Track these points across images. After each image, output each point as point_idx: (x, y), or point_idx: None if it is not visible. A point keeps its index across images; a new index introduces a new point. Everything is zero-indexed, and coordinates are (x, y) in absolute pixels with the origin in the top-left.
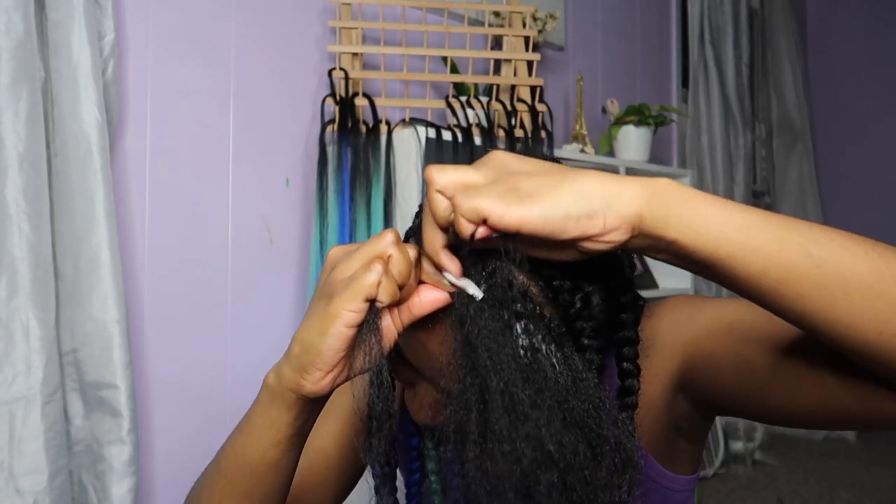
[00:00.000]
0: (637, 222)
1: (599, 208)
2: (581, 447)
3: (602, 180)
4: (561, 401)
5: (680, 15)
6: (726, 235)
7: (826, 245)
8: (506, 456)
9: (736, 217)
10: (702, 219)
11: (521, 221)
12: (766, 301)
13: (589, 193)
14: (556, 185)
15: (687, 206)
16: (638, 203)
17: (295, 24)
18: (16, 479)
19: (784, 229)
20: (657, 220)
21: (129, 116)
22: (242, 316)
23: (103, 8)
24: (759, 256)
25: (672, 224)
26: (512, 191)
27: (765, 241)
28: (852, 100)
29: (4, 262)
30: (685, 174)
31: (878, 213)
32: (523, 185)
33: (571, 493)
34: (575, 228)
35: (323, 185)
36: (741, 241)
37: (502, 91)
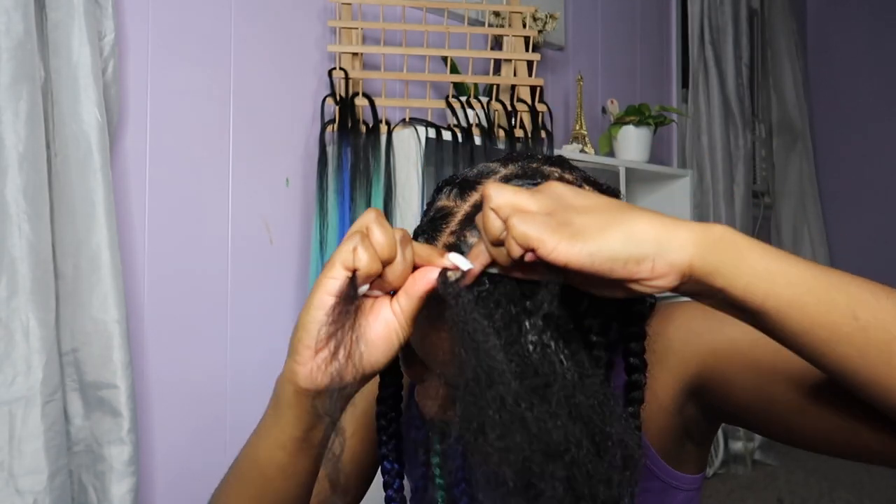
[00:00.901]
0: (687, 270)
1: (649, 253)
2: (585, 442)
3: (654, 223)
4: (568, 395)
5: (680, 15)
6: (775, 290)
7: (873, 308)
8: (510, 447)
9: (787, 272)
10: (752, 271)
11: (569, 258)
12: (807, 355)
13: (640, 236)
14: (607, 225)
15: (738, 257)
16: (689, 251)
17: (295, 24)
18: (16, 479)
19: (833, 289)
20: (707, 269)
21: (129, 116)
22: (242, 316)
23: (103, 8)
24: (806, 315)
25: (722, 274)
26: (565, 225)
27: (813, 300)
28: (852, 100)
29: (4, 262)
30: (685, 174)
31: (879, 213)
32: (577, 220)
33: (574, 486)
34: (622, 270)
35: (323, 185)
36: (789, 297)
37: (502, 91)
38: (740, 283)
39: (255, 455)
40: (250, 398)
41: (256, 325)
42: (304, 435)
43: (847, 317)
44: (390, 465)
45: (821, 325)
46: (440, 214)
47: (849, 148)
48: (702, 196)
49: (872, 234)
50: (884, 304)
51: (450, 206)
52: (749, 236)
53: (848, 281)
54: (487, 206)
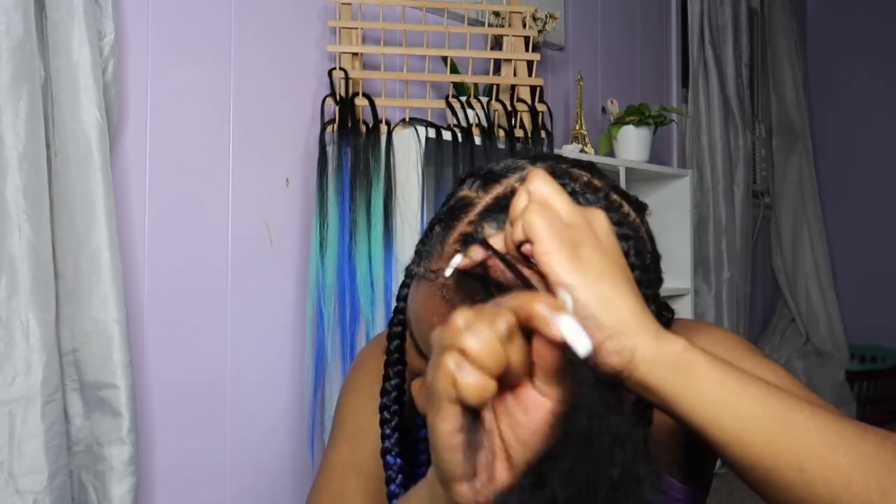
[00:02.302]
0: (630, 368)
1: (610, 327)
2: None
3: (635, 310)
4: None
5: (680, 15)
6: (719, 420)
7: (824, 464)
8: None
9: (738, 404)
10: (699, 397)
11: (553, 273)
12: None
13: (616, 308)
14: (603, 277)
15: (689, 380)
16: (643, 353)
17: (295, 24)
18: (16, 479)
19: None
20: (652, 380)
21: (129, 116)
22: (242, 316)
23: (103, 8)
24: (749, 453)
25: (665, 390)
26: (574, 245)
27: (759, 441)
28: (852, 100)
29: (4, 262)
30: (685, 174)
31: (878, 213)
32: (585, 251)
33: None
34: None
35: (323, 185)
36: (734, 431)
37: (502, 91)
38: (684, 405)
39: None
40: (250, 398)
41: (256, 325)
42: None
43: (792, 466)
44: (393, 459)
45: (763, 467)
46: (460, 204)
47: (849, 148)
48: (702, 196)
49: (872, 234)
50: (840, 460)
51: (471, 196)
52: (715, 358)
53: (809, 426)
54: (525, 185)
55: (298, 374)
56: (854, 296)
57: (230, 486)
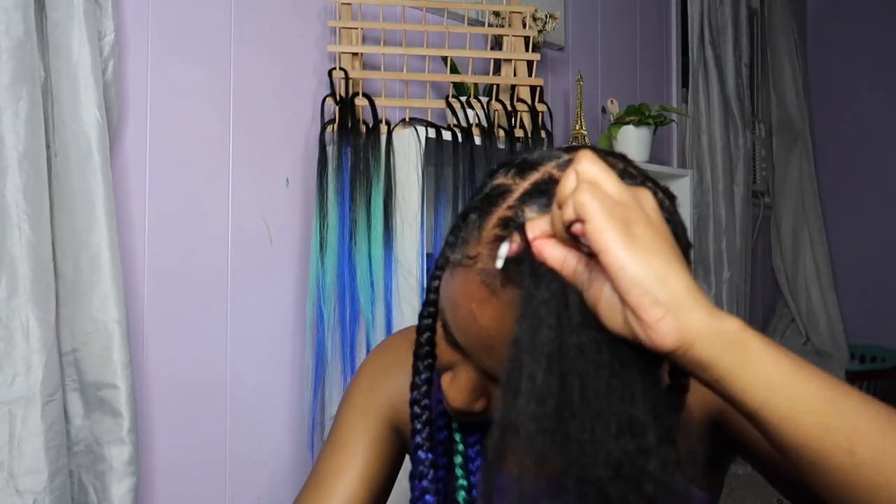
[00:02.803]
0: (687, 344)
1: (666, 303)
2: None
3: (689, 286)
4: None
5: (680, 15)
6: (772, 402)
7: (875, 447)
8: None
9: (791, 385)
10: (754, 377)
11: (607, 249)
12: (792, 465)
13: (672, 285)
14: (656, 253)
15: (744, 359)
16: (698, 328)
17: (295, 24)
18: (16, 479)
19: (837, 415)
20: (704, 357)
21: (129, 116)
22: (242, 316)
23: (103, 8)
24: (799, 434)
25: (720, 368)
26: (625, 222)
27: (810, 422)
28: (852, 100)
29: (4, 262)
30: (685, 174)
31: (878, 213)
32: (638, 228)
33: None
34: (637, 297)
35: (323, 185)
36: (785, 411)
37: (502, 91)
38: (738, 384)
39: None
40: (250, 398)
41: (256, 325)
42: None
43: (842, 448)
44: (425, 454)
45: (812, 449)
46: (497, 191)
47: (849, 148)
48: (702, 196)
49: (872, 234)
50: (890, 444)
51: (508, 183)
52: (767, 339)
53: (859, 410)
54: (573, 167)
55: (298, 374)
56: (854, 296)
57: (230, 485)
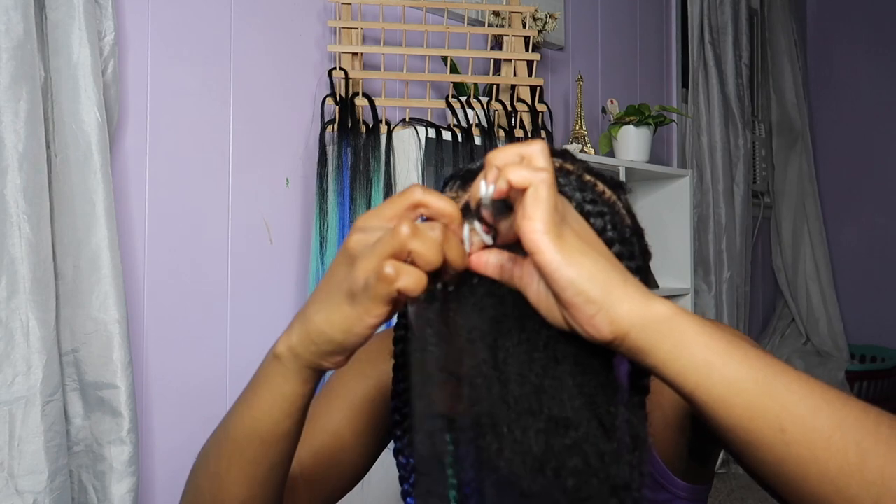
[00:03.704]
0: (622, 335)
1: (599, 300)
2: (593, 420)
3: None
4: (572, 375)
5: (680, 15)
6: (705, 384)
7: (805, 425)
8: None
9: (724, 368)
10: (688, 360)
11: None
12: (729, 448)
13: (602, 282)
14: (584, 253)
15: (678, 344)
16: (630, 319)
17: (295, 24)
18: (16, 479)
19: (768, 395)
20: (640, 345)
21: (129, 116)
22: (242, 316)
23: (103, 8)
24: (731, 415)
25: (655, 354)
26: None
27: (741, 403)
28: (852, 100)
29: (4, 262)
30: (685, 174)
31: (878, 213)
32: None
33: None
34: (571, 297)
35: (323, 185)
36: (718, 394)
37: (502, 91)
38: (672, 368)
39: (253, 424)
40: None
41: (256, 325)
42: (308, 400)
43: (773, 427)
44: (406, 460)
45: (744, 428)
46: None
47: (849, 148)
48: (702, 196)
49: (872, 234)
50: (821, 422)
51: (451, 197)
52: (702, 321)
53: (792, 388)
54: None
55: None
56: (854, 296)
57: None
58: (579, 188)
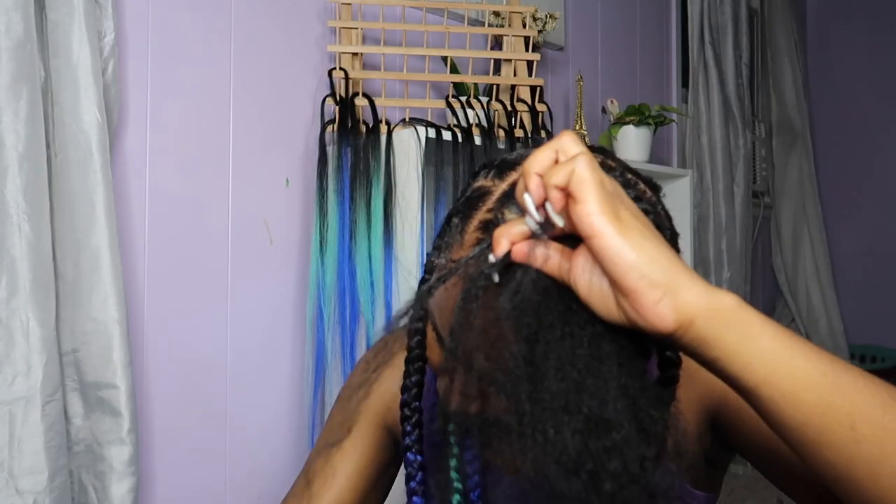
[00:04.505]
0: (687, 323)
1: (662, 285)
2: (634, 423)
3: (680, 267)
4: (617, 375)
5: (680, 15)
6: (773, 378)
7: (875, 422)
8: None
9: (792, 362)
10: (755, 353)
11: (599, 234)
12: (793, 447)
13: (666, 267)
14: (646, 237)
15: (745, 335)
16: (697, 307)
17: (295, 24)
18: (16, 479)
19: (837, 392)
20: (705, 335)
21: (129, 116)
22: (242, 316)
23: (103, 8)
24: (799, 411)
25: (721, 345)
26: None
27: (811, 399)
28: (852, 100)
29: (4, 262)
30: (685, 174)
31: (879, 213)
32: (623, 212)
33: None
34: (634, 282)
35: (323, 185)
36: (786, 389)
37: (502, 91)
38: (739, 361)
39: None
40: (250, 398)
41: (256, 325)
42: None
43: (843, 425)
44: (413, 456)
45: (813, 426)
46: (477, 194)
47: (849, 148)
48: (702, 196)
49: (872, 234)
50: (890, 419)
51: (487, 185)
52: (764, 315)
53: (858, 386)
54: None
55: (298, 374)
56: (854, 296)
57: (230, 486)
58: (623, 185)
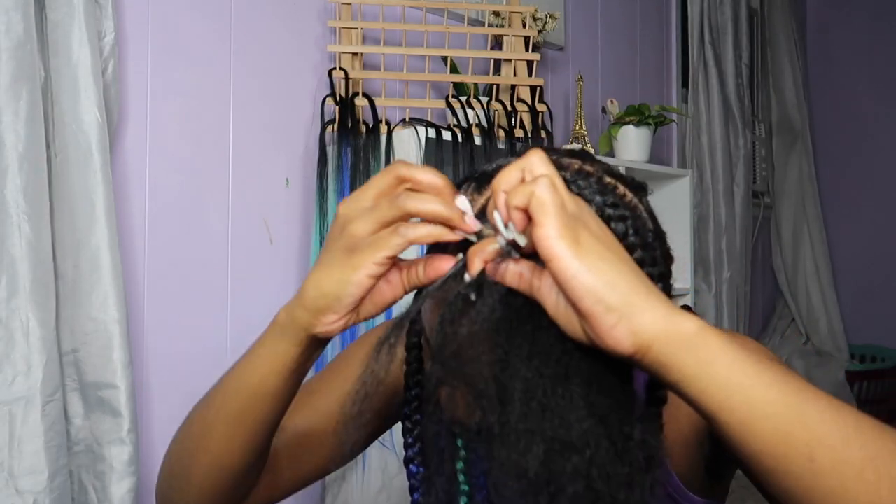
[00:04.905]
0: (644, 348)
1: (618, 309)
2: (604, 442)
3: (640, 289)
4: (584, 394)
5: (680, 15)
6: (730, 404)
7: (836, 454)
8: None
9: (751, 389)
10: (713, 379)
11: (556, 257)
12: (751, 474)
13: (622, 291)
14: (603, 258)
15: (704, 360)
16: (654, 331)
17: (295, 24)
18: (16, 479)
19: (798, 421)
20: (663, 360)
21: (129, 116)
22: (242, 316)
23: (103, 8)
24: (758, 440)
25: (678, 370)
26: (572, 227)
27: (769, 427)
28: (852, 100)
29: (4, 262)
30: (685, 174)
31: (878, 213)
32: (583, 234)
33: (593, 487)
34: (590, 306)
35: (323, 185)
36: (744, 416)
37: (502, 91)
38: (696, 386)
39: (246, 378)
40: None
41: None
42: (301, 365)
43: (801, 455)
44: (416, 468)
45: (769, 455)
46: None
47: (849, 148)
48: (702, 196)
49: (872, 234)
50: (853, 452)
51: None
52: (730, 338)
53: (824, 417)
54: (519, 162)
55: None
56: (854, 296)
57: None
58: (600, 191)
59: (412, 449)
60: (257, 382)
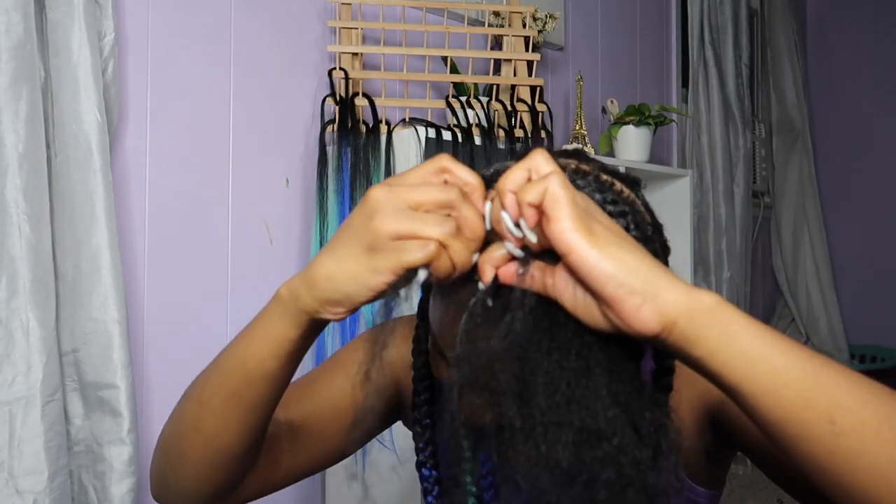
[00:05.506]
0: (669, 326)
1: (642, 291)
2: (628, 429)
3: (657, 269)
4: (607, 383)
5: (680, 15)
6: (753, 374)
7: (854, 416)
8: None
9: (772, 359)
10: (735, 350)
11: (574, 250)
12: (775, 442)
13: (643, 273)
14: (618, 245)
15: (725, 333)
16: (678, 308)
17: (295, 24)
18: (16, 479)
19: (816, 387)
20: (688, 335)
21: (129, 116)
22: (243, 316)
23: (103, 8)
24: (779, 407)
25: (703, 344)
26: (584, 219)
27: (790, 395)
28: (852, 100)
29: (4, 262)
30: (685, 174)
31: (879, 213)
32: (597, 227)
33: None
34: (612, 291)
35: (323, 185)
36: (766, 385)
37: (502, 91)
38: (720, 359)
39: (244, 358)
40: None
41: None
42: (301, 347)
43: (822, 419)
44: (428, 472)
45: (792, 421)
46: None
47: (849, 148)
48: (702, 196)
49: (872, 233)
50: (870, 413)
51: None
52: (744, 313)
53: (839, 381)
54: (524, 162)
55: (298, 375)
56: (854, 296)
57: None
58: (598, 189)
59: (423, 453)
60: (255, 364)
